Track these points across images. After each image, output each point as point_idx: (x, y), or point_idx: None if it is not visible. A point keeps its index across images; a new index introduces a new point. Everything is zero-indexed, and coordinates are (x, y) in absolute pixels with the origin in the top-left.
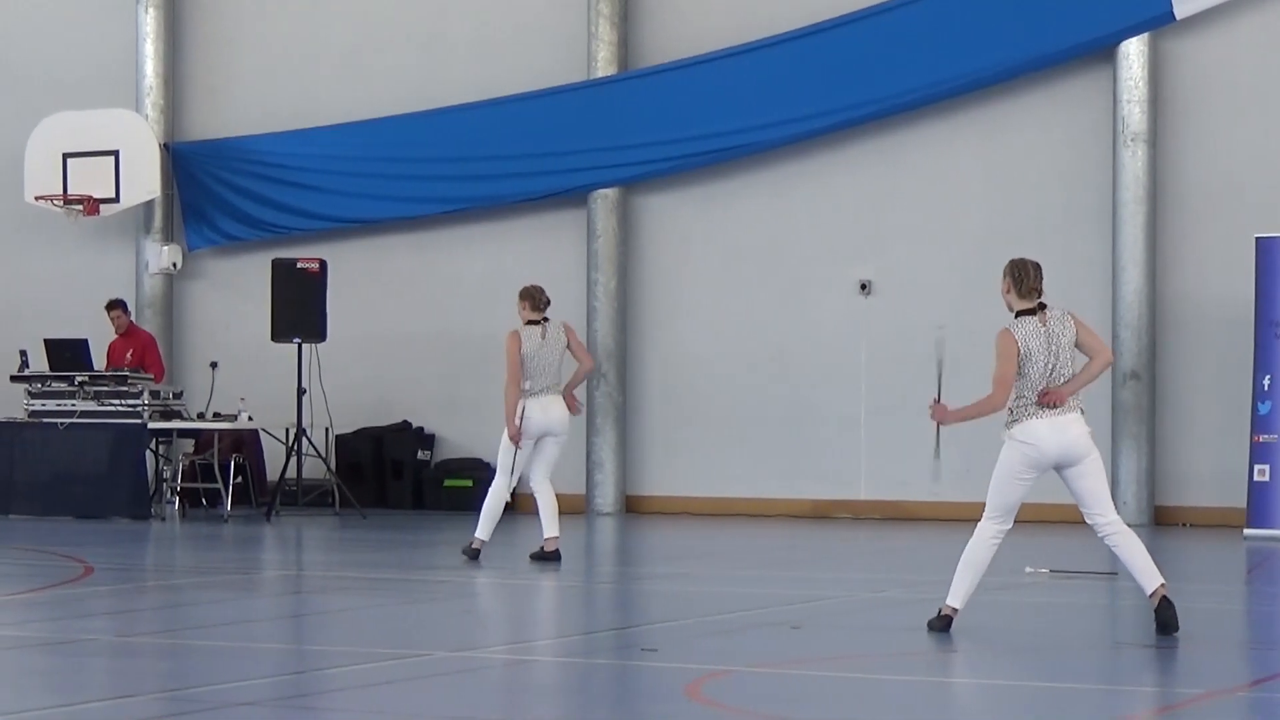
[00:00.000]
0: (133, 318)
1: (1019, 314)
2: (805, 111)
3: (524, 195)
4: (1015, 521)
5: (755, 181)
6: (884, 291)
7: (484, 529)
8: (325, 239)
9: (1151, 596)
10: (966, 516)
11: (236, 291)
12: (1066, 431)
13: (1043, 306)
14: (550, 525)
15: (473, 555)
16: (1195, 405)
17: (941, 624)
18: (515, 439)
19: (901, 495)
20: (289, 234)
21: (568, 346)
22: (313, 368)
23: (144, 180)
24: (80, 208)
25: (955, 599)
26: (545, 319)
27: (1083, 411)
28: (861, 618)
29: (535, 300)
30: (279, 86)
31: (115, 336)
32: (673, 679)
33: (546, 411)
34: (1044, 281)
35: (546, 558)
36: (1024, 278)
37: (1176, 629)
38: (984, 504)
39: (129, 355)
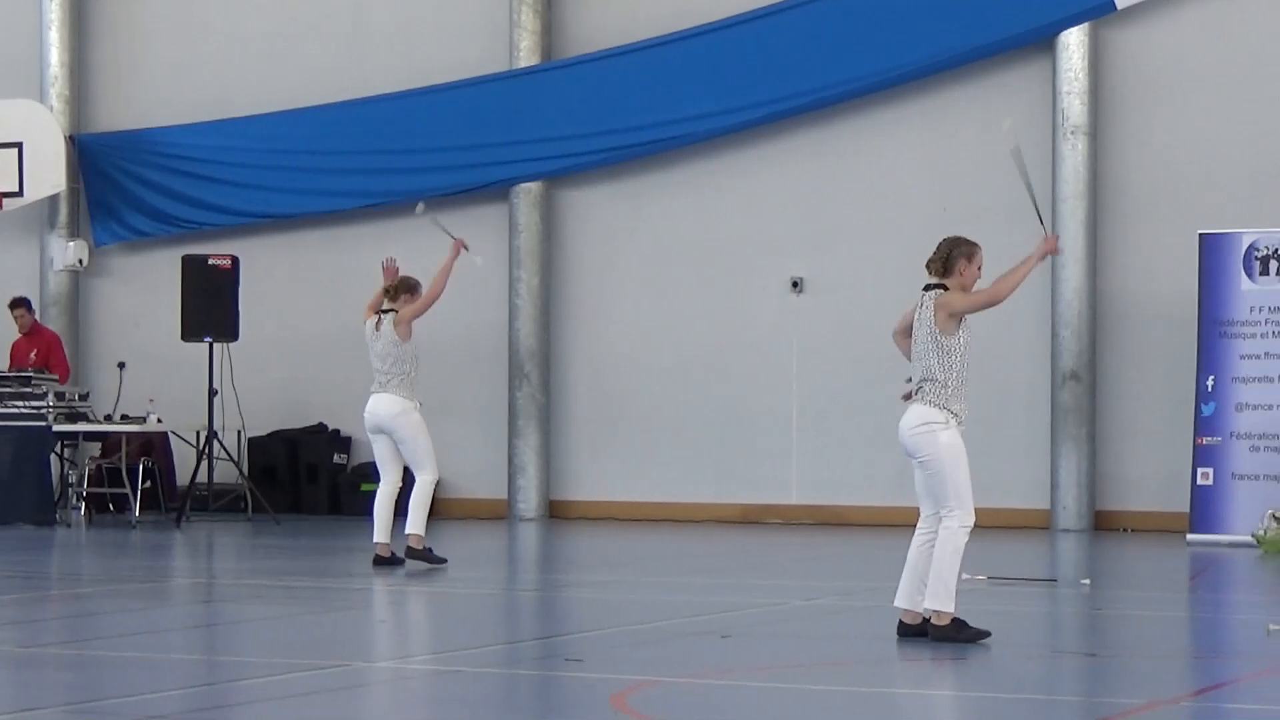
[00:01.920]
0: (37, 316)
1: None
2: (736, 103)
3: (444, 189)
4: None
5: (685, 175)
6: (817, 289)
7: (376, 532)
8: (238, 235)
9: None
10: (901, 521)
11: (145, 289)
12: (903, 422)
13: (936, 288)
14: (409, 521)
15: (380, 561)
16: (1137, 407)
17: (900, 629)
18: None
19: (834, 500)
20: (200, 229)
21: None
22: (224, 368)
23: (49, 173)
24: None
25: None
26: (393, 310)
27: (952, 412)
28: (793, 626)
29: (384, 290)
30: (190, 76)
31: (18, 335)
32: (598, 690)
33: (373, 408)
34: (940, 263)
35: (409, 554)
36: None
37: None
38: (915, 509)
39: (32, 355)
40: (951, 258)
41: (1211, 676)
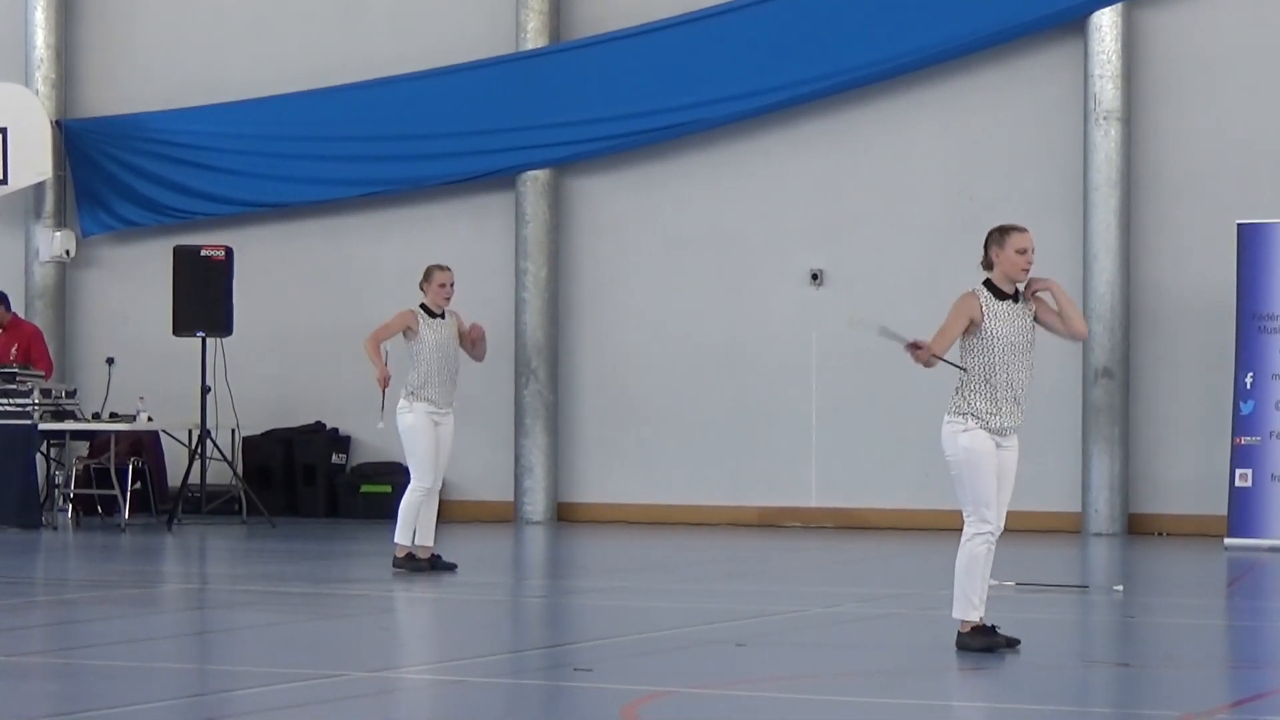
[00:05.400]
0: (20, 310)
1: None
2: (753, 87)
3: (447, 177)
4: None
5: (699, 163)
6: (837, 282)
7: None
8: (231, 224)
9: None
10: (925, 524)
11: (135, 281)
12: None
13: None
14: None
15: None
16: (1172, 405)
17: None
18: None
19: (856, 502)
20: (192, 219)
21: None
22: (218, 364)
23: (34, 161)
24: None
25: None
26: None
27: (974, 415)
28: (812, 634)
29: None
30: (182, 58)
31: None
32: (608, 701)
33: None
34: (984, 256)
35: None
36: None
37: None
38: (945, 511)
39: (13, 350)
40: (986, 249)
41: (1250, 688)
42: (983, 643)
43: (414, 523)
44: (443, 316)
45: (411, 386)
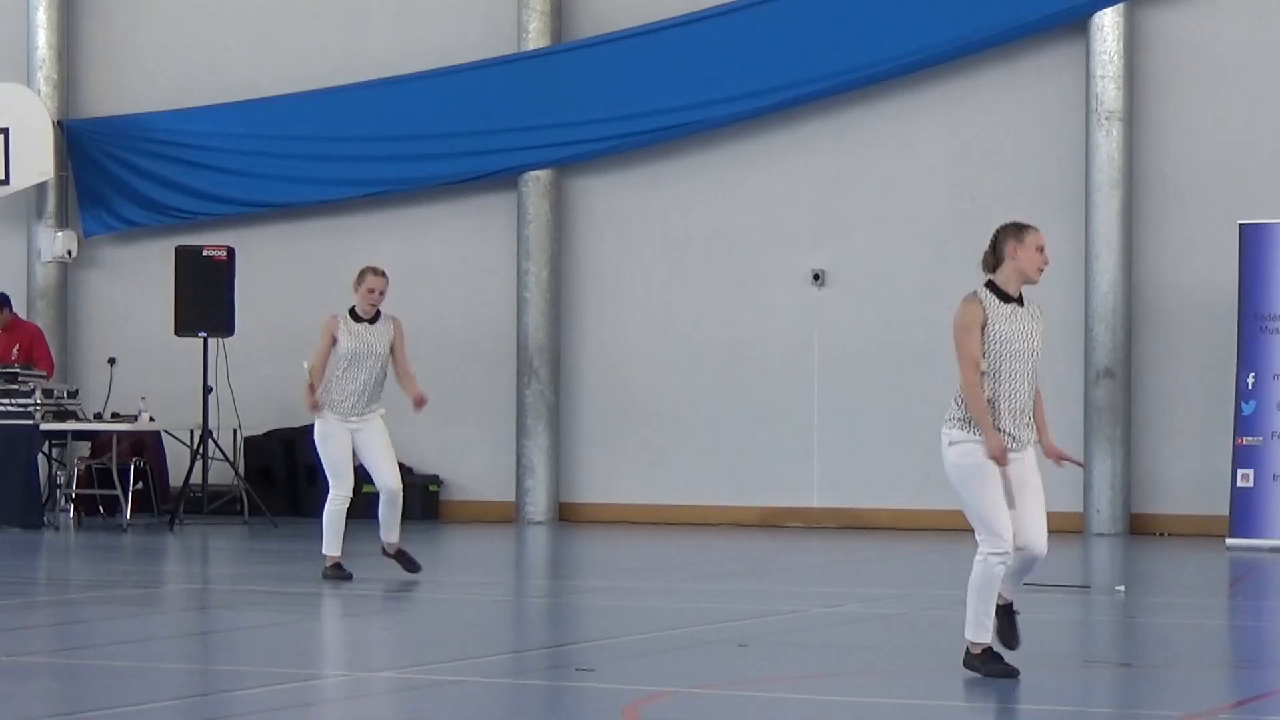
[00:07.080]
0: (22, 310)
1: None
2: (755, 87)
3: (449, 177)
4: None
5: (701, 163)
6: (839, 282)
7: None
8: (233, 225)
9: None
10: (927, 525)
11: (137, 281)
12: None
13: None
14: None
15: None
16: (1174, 405)
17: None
18: None
19: (858, 502)
20: (194, 219)
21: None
22: (219, 364)
23: (36, 161)
24: None
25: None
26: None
27: (960, 428)
28: (814, 635)
29: None
30: (184, 59)
31: None
32: (609, 701)
33: None
34: (990, 253)
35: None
36: None
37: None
38: (947, 511)
39: (15, 351)
40: (998, 244)
41: (1252, 687)
42: (989, 669)
43: (340, 531)
44: (372, 322)
45: (326, 394)
